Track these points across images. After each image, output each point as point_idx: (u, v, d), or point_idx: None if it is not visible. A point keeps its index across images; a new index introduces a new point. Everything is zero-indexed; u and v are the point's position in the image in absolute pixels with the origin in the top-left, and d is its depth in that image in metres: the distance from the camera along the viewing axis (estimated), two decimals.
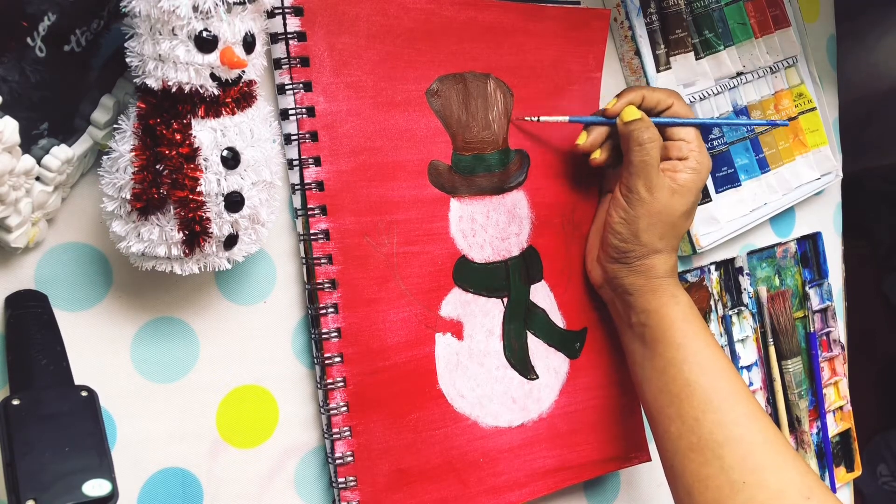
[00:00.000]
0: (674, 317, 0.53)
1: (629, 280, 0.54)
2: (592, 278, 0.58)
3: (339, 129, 0.49)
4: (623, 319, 0.56)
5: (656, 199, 0.52)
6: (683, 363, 0.51)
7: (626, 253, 0.54)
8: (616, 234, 0.54)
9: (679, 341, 0.52)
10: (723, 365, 0.52)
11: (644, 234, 0.53)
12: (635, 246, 0.53)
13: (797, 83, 0.73)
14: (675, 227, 0.54)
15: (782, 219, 0.74)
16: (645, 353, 0.54)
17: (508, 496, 0.55)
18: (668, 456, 0.52)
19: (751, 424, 0.50)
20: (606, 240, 0.55)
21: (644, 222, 0.53)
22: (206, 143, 0.40)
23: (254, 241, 0.44)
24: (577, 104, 0.60)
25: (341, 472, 0.49)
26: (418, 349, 0.52)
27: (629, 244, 0.54)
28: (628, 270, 0.54)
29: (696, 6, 0.66)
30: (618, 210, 0.54)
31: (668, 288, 0.54)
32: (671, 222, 0.53)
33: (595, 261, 0.57)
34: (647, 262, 0.54)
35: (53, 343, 0.42)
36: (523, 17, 0.57)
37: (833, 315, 0.76)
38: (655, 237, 0.53)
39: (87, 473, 0.35)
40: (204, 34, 0.38)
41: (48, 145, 0.40)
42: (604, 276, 0.56)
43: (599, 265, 0.57)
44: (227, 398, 0.48)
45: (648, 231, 0.53)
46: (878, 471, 1.54)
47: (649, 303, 0.53)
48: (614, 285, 0.55)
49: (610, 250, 0.55)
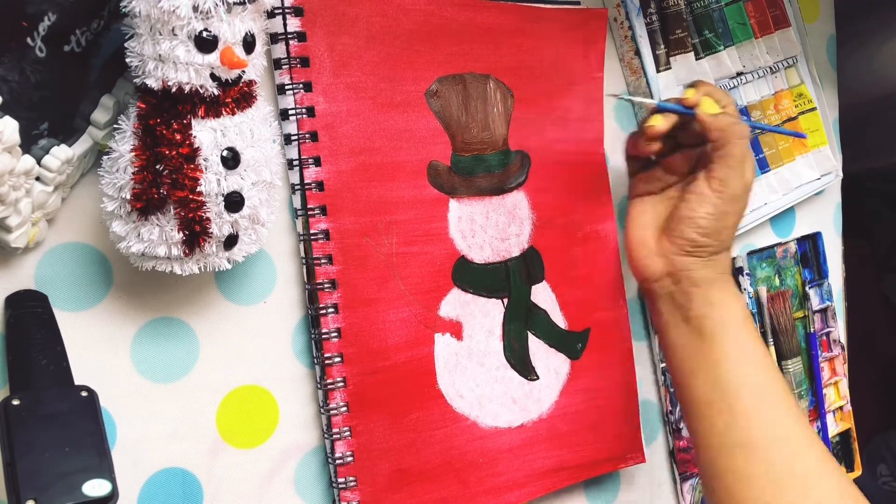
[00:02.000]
0: (736, 311, 0.52)
1: (700, 273, 0.53)
2: (648, 273, 0.55)
3: (339, 129, 0.49)
4: (677, 312, 0.54)
5: (747, 195, 0.53)
6: (740, 359, 0.51)
7: (703, 247, 0.53)
8: (699, 229, 0.52)
9: (738, 337, 0.52)
10: (774, 367, 0.52)
11: (727, 231, 0.53)
12: (715, 241, 0.53)
13: (797, 83, 0.73)
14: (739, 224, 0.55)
15: (782, 219, 0.74)
16: (701, 345, 0.53)
17: (508, 496, 0.55)
18: (710, 453, 0.51)
19: (799, 428, 0.49)
20: (682, 233, 0.53)
21: (732, 219, 0.53)
22: (206, 143, 0.40)
23: (254, 241, 0.44)
24: (580, 104, 0.60)
25: (341, 472, 0.49)
26: (418, 349, 0.52)
27: (711, 238, 0.53)
28: (702, 264, 0.53)
29: (696, 6, 0.66)
30: (704, 205, 0.52)
31: (730, 284, 0.54)
32: (739, 221, 0.54)
33: (654, 255, 0.55)
34: (719, 256, 0.53)
35: (53, 343, 0.42)
36: (522, 18, 0.57)
37: (833, 315, 0.76)
38: (731, 233, 0.54)
39: (87, 473, 0.35)
40: (204, 34, 0.38)
41: (48, 145, 0.40)
42: (667, 268, 0.54)
43: (663, 258, 0.54)
44: (227, 398, 0.48)
45: (732, 228, 0.53)
46: (878, 471, 1.54)
47: (715, 296, 0.53)
48: (679, 278, 0.54)
49: (683, 243, 0.53)
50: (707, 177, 0.53)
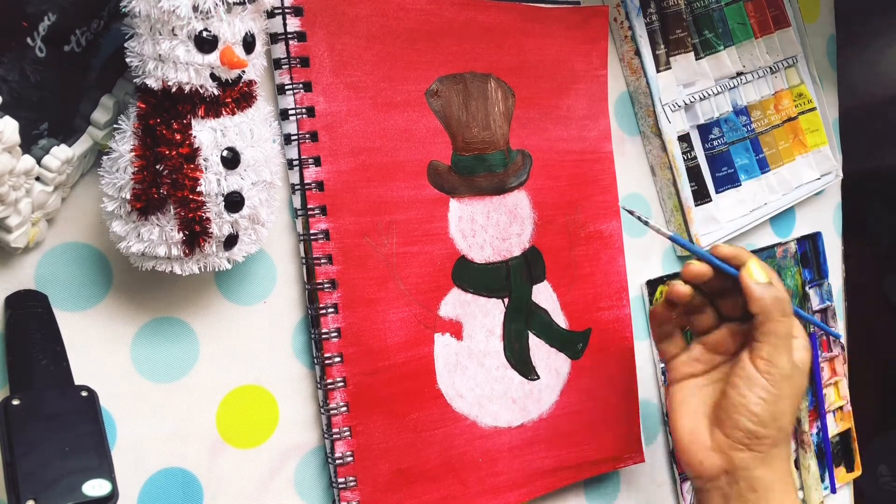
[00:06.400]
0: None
1: (759, 473, 0.47)
2: (703, 470, 0.49)
3: (338, 129, 0.49)
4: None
5: (800, 376, 0.48)
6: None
7: (760, 439, 0.47)
8: (753, 416, 0.47)
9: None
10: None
11: (784, 417, 0.47)
12: (773, 430, 0.47)
13: (797, 83, 0.73)
14: (798, 410, 0.51)
15: (782, 219, 0.74)
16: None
17: (508, 496, 0.55)
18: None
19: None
20: (738, 423, 0.47)
21: (787, 403, 0.47)
22: (206, 143, 0.40)
23: (254, 241, 0.44)
24: (584, 102, 0.60)
25: (341, 472, 0.49)
26: (417, 349, 0.52)
27: (768, 428, 0.47)
28: (761, 461, 0.47)
29: (696, 6, 0.66)
30: (755, 389, 0.47)
31: (791, 491, 0.48)
32: (799, 404, 0.50)
33: (709, 449, 0.49)
34: (779, 451, 0.48)
35: (53, 343, 0.42)
36: (523, 17, 0.57)
37: (833, 315, 0.76)
38: (792, 420, 0.48)
39: (87, 473, 0.35)
40: (204, 34, 0.38)
41: (48, 145, 0.40)
42: (725, 466, 0.48)
43: (720, 454, 0.48)
44: (227, 398, 0.48)
45: (789, 413, 0.48)
46: (878, 471, 1.54)
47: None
48: (737, 478, 0.47)
49: (740, 436, 0.47)
50: (752, 357, 0.48)
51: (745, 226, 0.68)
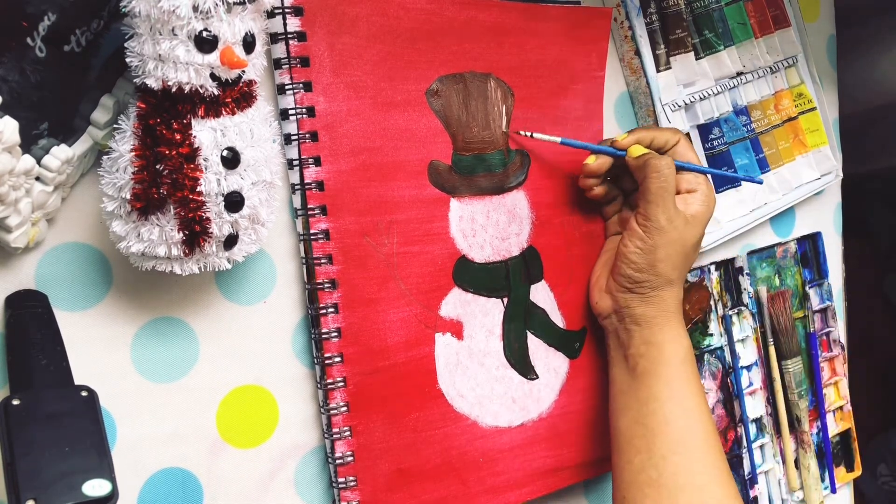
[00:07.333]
0: (672, 354, 0.53)
1: (640, 310, 0.54)
2: (599, 309, 0.58)
3: (339, 129, 0.49)
4: (619, 349, 0.56)
5: (674, 228, 0.53)
6: (668, 400, 0.52)
7: (640, 283, 0.54)
8: (631, 264, 0.54)
9: (670, 379, 0.52)
10: (704, 414, 0.52)
11: (661, 264, 0.53)
12: (651, 276, 0.54)
13: (797, 83, 0.73)
14: (687, 258, 0.55)
15: (782, 219, 0.74)
16: (632, 383, 0.54)
17: (508, 496, 0.55)
18: (622, 486, 0.52)
19: (715, 478, 0.50)
20: (620, 270, 0.55)
21: (662, 252, 0.53)
22: (206, 143, 0.40)
23: (254, 241, 0.44)
24: (581, 103, 0.60)
25: (341, 472, 0.49)
26: (418, 349, 0.52)
27: (645, 273, 0.54)
28: (640, 300, 0.54)
29: (696, 6, 0.66)
30: (633, 240, 0.54)
31: (675, 324, 0.54)
32: (685, 253, 0.54)
33: (603, 291, 0.57)
34: (660, 293, 0.54)
35: (53, 343, 0.42)
36: (524, 16, 0.57)
37: (833, 315, 0.76)
38: (670, 267, 0.54)
39: (87, 473, 0.35)
40: (204, 34, 0.38)
41: (48, 145, 0.40)
42: (613, 306, 0.56)
43: (609, 295, 0.57)
44: (227, 398, 0.48)
45: (665, 261, 0.53)
46: (878, 471, 1.54)
47: (654, 336, 0.54)
48: (622, 315, 0.55)
49: (623, 280, 0.55)
50: (635, 214, 0.55)
51: (746, 226, 0.68)
